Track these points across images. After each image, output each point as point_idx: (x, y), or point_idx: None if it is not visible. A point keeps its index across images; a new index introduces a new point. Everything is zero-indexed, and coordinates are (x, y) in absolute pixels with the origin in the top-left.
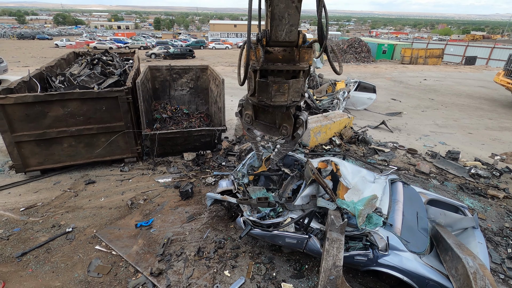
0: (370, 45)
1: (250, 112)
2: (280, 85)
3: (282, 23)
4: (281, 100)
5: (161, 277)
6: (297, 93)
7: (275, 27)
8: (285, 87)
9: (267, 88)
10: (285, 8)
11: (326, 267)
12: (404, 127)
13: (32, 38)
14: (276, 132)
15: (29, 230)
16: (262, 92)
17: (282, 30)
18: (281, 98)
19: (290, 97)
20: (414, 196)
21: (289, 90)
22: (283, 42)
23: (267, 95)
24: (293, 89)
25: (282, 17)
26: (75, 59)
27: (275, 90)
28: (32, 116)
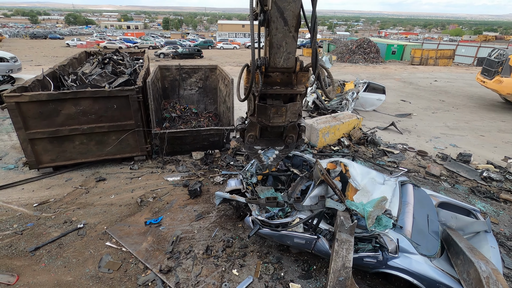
0: (379, 46)
1: (254, 132)
2: (278, 108)
3: (280, 51)
4: (279, 121)
5: (170, 274)
6: (294, 114)
7: (274, 55)
8: (282, 110)
9: (266, 111)
10: (282, 37)
11: (335, 268)
12: (414, 128)
13: (44, 38)
14: (281, 143)
15: (42, 226)
16: (261, 114)
17: (280, 58)
18: (279, 119)
19: (287, 118)
20: (425, 199)
21: (287, 112)
22: (281, 68)
23: (266, 117)
24: (290, 111)
25: (280, 45)
26: (87, 59)
27: (273, 113)
28: (45, 113)
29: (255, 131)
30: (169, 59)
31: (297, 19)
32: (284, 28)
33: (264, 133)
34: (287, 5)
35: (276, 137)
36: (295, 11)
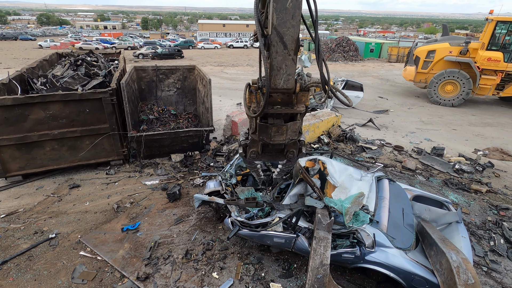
0: (358, 44)
1: (256, 148)
2: (279, 127)
3: (280, 73)
4: (280, 139)
5: (148, 281)
6: (294, 132)
7: (274, 77)
8: (283, 129)
9: (267, 130)
10: (282, 60)
11: (313, 266)
12: (391, 124)
13: (15, 39)
14: (282, 158)
15: (10, 238)
16: (262, 132)
17: (280, 79)
18: (280, 137)
19: (288, 136)
20: (400, 193)
21: (287, 131)
22: (281, 89)
23: (267, 135)
24: (291, 130)
25: (280, 68)
26: (58, 60)
27: (274, 131)
28: (11, 119)
29: (257, 147)
30: (149, 60)
31: (296, 43)
32: (283, 51)
33: (266, 149)
34: (286, 30)
35: (277, 152)
36: (294, 36)
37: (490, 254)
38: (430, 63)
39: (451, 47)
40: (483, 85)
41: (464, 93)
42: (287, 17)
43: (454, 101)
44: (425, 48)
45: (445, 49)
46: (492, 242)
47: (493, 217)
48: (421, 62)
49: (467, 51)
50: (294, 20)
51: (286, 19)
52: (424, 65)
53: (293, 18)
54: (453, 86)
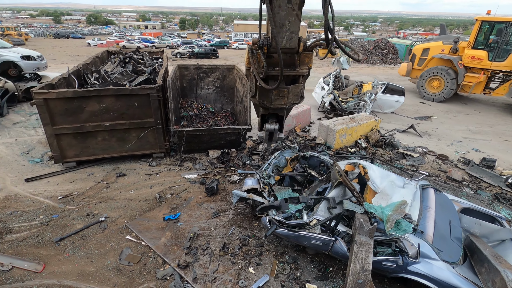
0: (398, 47)
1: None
2: (280, 90)
3: (282, 30)
4: (280, 103)
5: (188, 269)
6: (296, 96)
7: (276, 34)
8: (284, 92)
9: (267, 93)
10: (285, 16)
11: (354, 270)
12: (434, 132)
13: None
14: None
15: (66, 217)
16: (262, 96)
17: (282, 37)
18: (280, 101)
19: (289, 100)
20: (447, 204)
21: (289, 94)
22: (283, 49)
23: (267, 99)
24: (292, 93)
25: (283, 24)
26: (108, 58)
27: (275, 95)
28: (71, 110)
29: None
30: (186, 59)
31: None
32: (287, 5)
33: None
34: None
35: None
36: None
37: None
38: (424, 60)
39: (444, 45)
40: (466, 82)
41: (448, 89)
42: None
43: (436, 97)
44: (421, 46)
45: (438, 47)
46: None
47: None
48: (417, 59)
49: (456, 49)
50: None
51: None
52: (419, 62)
53: None
54: (439, 82)
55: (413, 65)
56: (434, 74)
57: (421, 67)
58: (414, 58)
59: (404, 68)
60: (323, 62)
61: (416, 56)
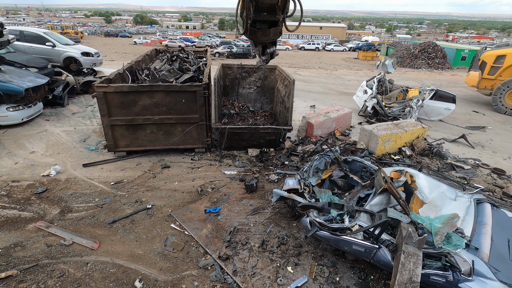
0: (446, 50)
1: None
2: (264, 31)
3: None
4: (264, 39)
5: (228, 262)
6: (276, 34)
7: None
8: (267, 32)
9: (255, 33)
10: None
11: (401, 280)
12: (489, 143)
13: (116, 36)
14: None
15: (117, 202)
16: (251, 34)
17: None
18: (264, 38)
19: (271, 37)
20: (506, 221)
21: (270, 33)
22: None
23: (255, 36)
24: (273, 32)
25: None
26: (156, 55)
27: (261, 34)
28: (125, 103)
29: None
30: (224, 58)
31: None
32: None
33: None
34: None
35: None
36: None
37: None
38: (498, 69)
39: None
40: None
41: None
42: None
43: None
44: (494, 52)
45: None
46: None
47: None
48: (488, 68)
49: None
50: None
51: None
52: (491, 71)
53: None
54: None
55: (483, 74)
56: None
57: (494, 76)
58: (484, 66)
59: (474, 77)
60: (364, 65)
61: (486, 64)
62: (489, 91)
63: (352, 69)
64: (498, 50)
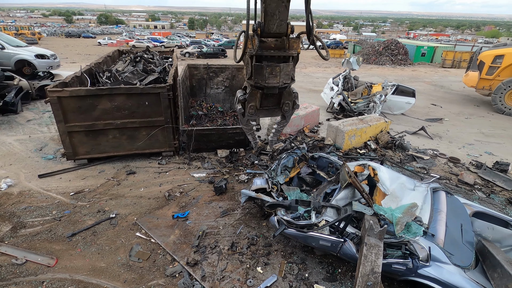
0: (408, 47)
1: (254, 103)
2: (272, 68)
3: (273, 19)
4: (274, 82)
5: (197, 267)
6: (287, 76)
7: (268, 22)
8: (277, 70)
9: (262, 71)
10: (276, 7)
11: (363, 272)
12: (446, 134)
13: (78, 37)
14: (278, 112)
15: (77, 213)
16: (257, 74)
17: (273, 24)
18: (273, 80)
19: (281, 79)
20: (459, 207)
21: (281, 73)
22: (274, 33)
23: (261, 77)
24: (284, 72)
25: (274, 13)
26: (119, 57)
27: (269, 73)
28: (83, 108)
29: (255, 101)
30: (194, 58)
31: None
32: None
33: (263, 103)
34: None
35: (274, 105)
36: None
37: None
38: (496, 69)
39: None
40: None
41: None
42: None
43: None
44: (492, 52)
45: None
46: None
47: None
48: (486, 68)
49: None
50: None
51: None
52: (489, 70)
53: None
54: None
55: (481, 74)
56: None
57: (492, 76)
58: (482, 66)
59: (473, 78)
60: (332, 63)
61: (484, 64)
62: (488, 91)
63: (320, 66)
64: (496, 50)
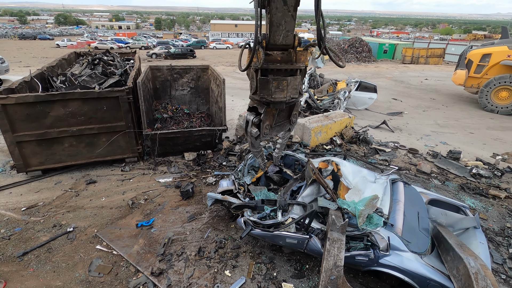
0: (371, 45)
1: (269, 122)
2: (279, 82)
3: (279, 29)
4: (280, 97)
5: (162, 276)
6: (295, 90)
7: (274, 33)
8: (284, 84)
9: (267, 85)
10: (282, 17)
11: (327, 267)
12: (405, 127)
13: (34, 38)
14: (287, 125)
15: (30, 230)
16: (263, 89)
17: (279, 35)
18: (280, 94)
19: (289, 94)
20: (415, 196)
21: (288, 87)
22: (280, 45)
23: (267, 92)
24: (291, 86)
25: (280, 24)
26: (76, 59)
27: (275, 87)
28: (33, 116)
29: (270, 120)
30: (162, 60)
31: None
32: (283, 7)
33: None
34: None
35: (284, 120)
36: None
37: (509, 262)
38: (484, 67)
39: (510, 50)
40: None
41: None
42: None
43: (502, 109)
44: (480, 51)
45: (503, 52)
46: (511, 249)
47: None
48: (474, 66)
49: None
50: None
51: None
52: (477, 69)
53: None
54: (509, 92)
55: (469, 73)
56: (505, 83)
57: (480, 75)
58: (471, 64)
59: (461, 76)
60: None
61: (473, 62)
62: (476, 89)
63: None
64: (484, 48)
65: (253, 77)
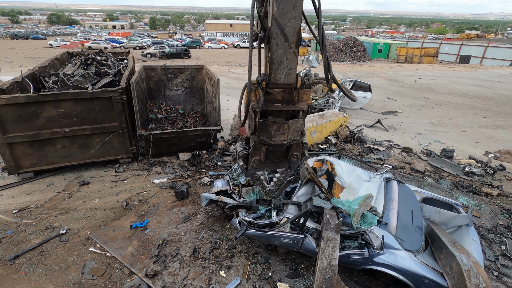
0: (366, 44)
1: (259, 156)
2: (280, 125)
3: (280, 67)
4: (281, 139)
5: (156, 278)
6: (297, 132)
7: (274, 71)
8: (284, 127)
9: (267, 128)
10: (283, 54)
11: (321, 266)
12: (400, 125)
13: (26, 38)
14: (285, 164)
15: (22, 233)
16: (262, 131)
17: (281, 74)
18: (281, 137)
19: (290, 136)
20: (409, 195)
21: (289, 129)
22: (282, 85)
23: (267, 135)
24: (292, 129)
25: (281, 61)
26: (69, 59)
27: (275, 130)
28: (24, 117)
29: (260, 155)
30: (156, 59)
31: (298, 35)
32: (284, 44)
33: (269, 155)
34: (287, 21)
35: (281, 158)
36: (295, 28)
37: (502, 259)
38: None
39: None
40: None
41: None
42: (288, 7)
43: None
44: None
45: None
46: (503, 247)
47: (504, 221)
48: None
49: None
50: (296, 11)
51: (287, 10)
52: None
53: (295, 8)
54: None
55: None
56: None
57: None
58: None
59: None
60: None
61: None
62: None
63: None
64: None
65: (251, 116)
